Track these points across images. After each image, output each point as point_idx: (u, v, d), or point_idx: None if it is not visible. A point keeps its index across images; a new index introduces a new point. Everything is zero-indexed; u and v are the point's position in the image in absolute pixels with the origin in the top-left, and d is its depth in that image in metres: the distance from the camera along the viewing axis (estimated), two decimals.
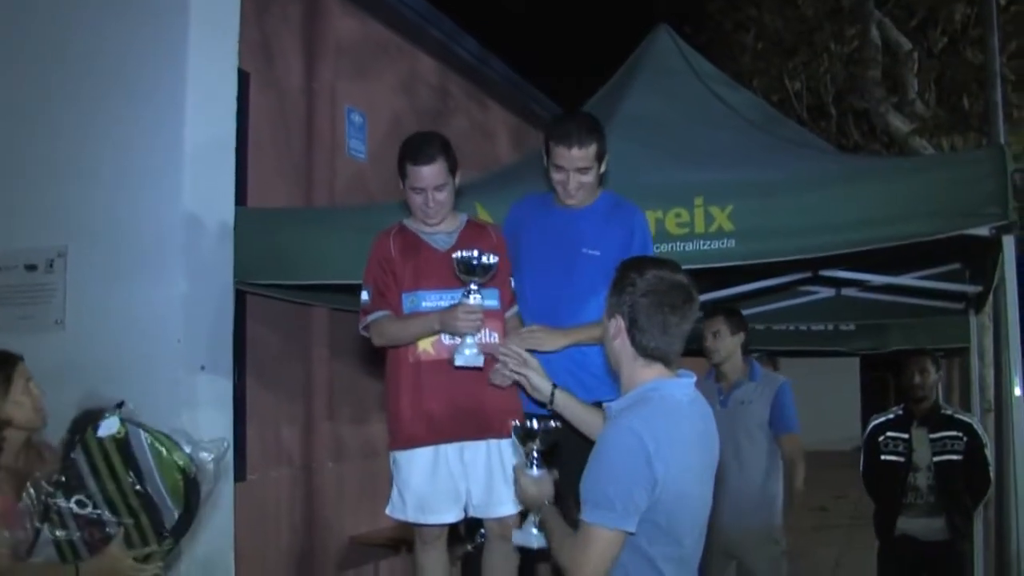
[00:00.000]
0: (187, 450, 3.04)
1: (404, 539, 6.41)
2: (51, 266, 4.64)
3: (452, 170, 3.73)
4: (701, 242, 4.31)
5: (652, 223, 4.30)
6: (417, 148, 3.71)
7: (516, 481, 3.05)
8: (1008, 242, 4.14)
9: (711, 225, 4.31)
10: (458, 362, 3.53)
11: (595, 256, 3.75)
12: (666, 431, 2.60)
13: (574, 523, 2.67)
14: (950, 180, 4.12)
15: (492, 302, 3.69)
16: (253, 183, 5.59)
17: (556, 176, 3.78)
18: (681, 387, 2.72)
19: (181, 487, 2.99)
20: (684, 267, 3.60)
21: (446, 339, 3.65)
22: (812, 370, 20.93)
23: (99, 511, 2.98)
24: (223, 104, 4.72)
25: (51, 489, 2.97)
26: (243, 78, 5.21)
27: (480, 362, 3.53)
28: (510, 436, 3.58)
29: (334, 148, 6.50)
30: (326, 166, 6.37)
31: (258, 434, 5.65)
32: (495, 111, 9.19)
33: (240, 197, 5.04)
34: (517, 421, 3.15)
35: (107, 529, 2.99)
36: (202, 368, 4.49)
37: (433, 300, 3.68)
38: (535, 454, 3.04)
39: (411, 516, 3.73)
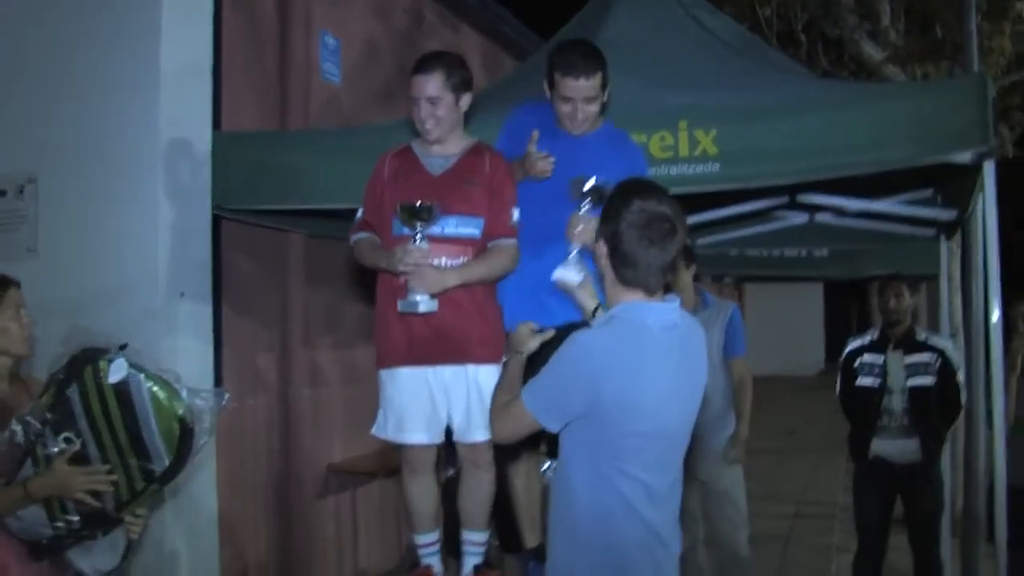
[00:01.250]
0: (186, 399, 2.97)
1: (383, 467, 6.50)
2: (21, 192, 4.56)
3: (455, 88, 3.67)
4: (685, 166, 4.30)
5: None
6: (423, 58, 3.71)
7: (570, 224, 3.49)
8: (989, 168, 4.16)
9: (695, 149, 4.30)
10: (399, 307, 3.55)
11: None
12: (623, 353, 2.68)
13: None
14: (934, 107, 4.12)
15: (470, 230, 3.67)
16: (226, 106, 5.47)
17: (564, 108, 3.76)
18: (655, 311, 2.76)
19: (176, 435, 2.94)
20: (672, 190, 3.63)
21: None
22: (777, 296, 21.19)
23: (86, 449, 2.93)
24: (199, 25, 4.65)
25: (39, 426, 2.92)
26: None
27: (421, 309, 3.52)
28: (489, 362, 3.68)
29: (308, 71, 6.39)
30: (300, 89, 6.26)
31: (234, 361, 5.60)
32: (467, 35, 9.05)
33: (214, 120, 4.95)
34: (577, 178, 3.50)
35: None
36: (182, 295, 4.46)
37: None
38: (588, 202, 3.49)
39: (391, 435, 3.77)
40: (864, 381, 5.74)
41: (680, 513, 5.38)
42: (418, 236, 3.51)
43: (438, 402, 3.72)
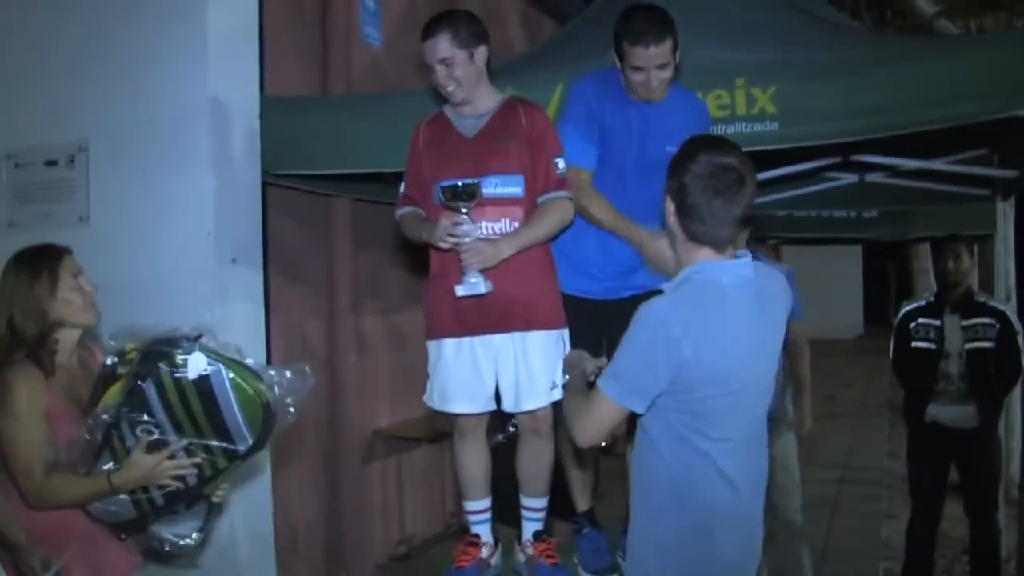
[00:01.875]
0: (268, 382, 2.90)
1: (427, 432, 6.49)
2: (72, 161, 4.52)
3: (465, 44, 3.57)
4: (743, 124, 4.20)
5: None
6: (427, 23, 3.64)
7: None
8: None
9: (753, 107, 4.20)
10: (458, 292, 3.47)
11: None
12: (701, 315, 2.59)
13: None
14: (1000, 60, 3.98)
15: (512, 189, 3.59)
16: (269, 70, 5.42)
17: (636, 77, 3.67)
18: (728, 269, 2.68)
19: (260, 419, 2.89)
20: None
21: None
22: (815, 259, 20.99)
23: (165, 436, 2.87)
24: None
25: (113, 422, 2.84)
26: None
27: (482, 290, 3.45)
28: (539, 328, 3.63)
29: (349, 35, 6.30)
30: (341, 53, 6.18)
31: (281, 328, 5.59)
32: None
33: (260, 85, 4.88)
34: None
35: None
36: (233, 261, 4.41)
37: None
38: None
39: (437, 404, 3.73)
40: (920, 344, 5.65)
41: None
42: (465, 220, 3.45)
43: (484, 372, 3.65)
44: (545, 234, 3.64)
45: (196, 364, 2.81)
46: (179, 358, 2.82)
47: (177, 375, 2.80)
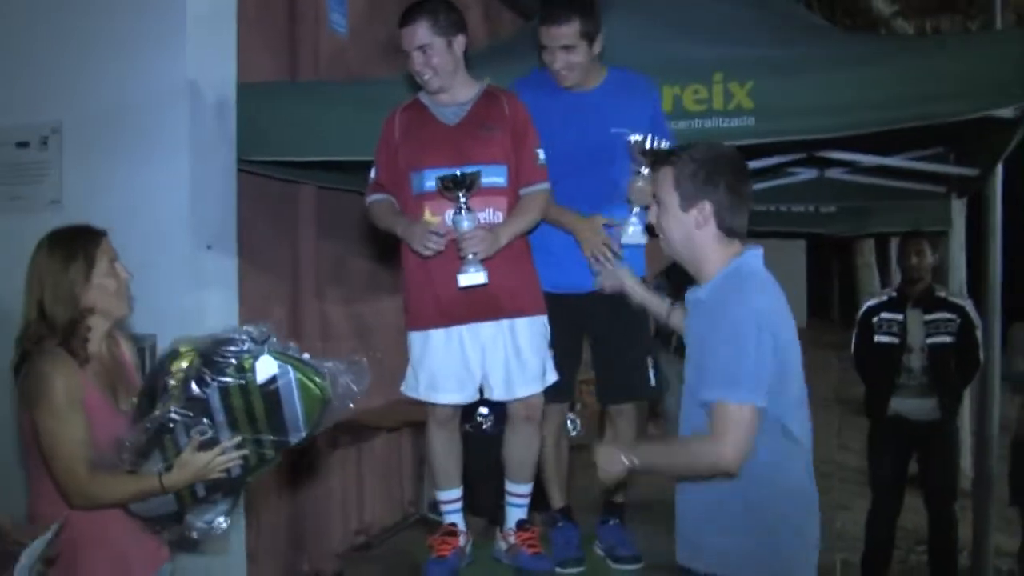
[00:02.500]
0: (328, 375, 2.80)
1: (388, 421, 6.50)
2: (45, 143, 4.43)
3: (444, 32, 3.54)
4: (720, 119, 4.26)
5: (669, 99, 4.28)
6: (406, 10, 3.59)
7: (630, 185, 3.53)
8: None
9: (730, 102, 4.26)
10: (460, 283, 3.45)
11: (625, 134, 3.67)
12: (769, 300, 2.64)
13: None
14: (974, 60, 4.09)
15: (495, 179, 3.56)
16: (238, 57, 5.37)
17: (546, 58, 3.72)
18: (758, 258, 2.74)
19: (318, 412, 2.80)
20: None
21: (449, 220, 3.52)
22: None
23: (218, 434, 2.75)
24: None
25: (170, 425, 2.70)
26: None
27: (483, 279, 3.43)
28: (525, 314, 3.63)
29: (317, 22, 6.26)
30: (310, 40, 6.13)
31: (247, 315, 5.52)
32: None
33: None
34: (636, 137, 3.46)
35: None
36: (209, 247, 4.36)
37: (435, 179, 3.52)
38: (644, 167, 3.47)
39: (423, 395, 3.69)
40: (883, 339, 5.75)
41: None
42: (464, 209, 3.42)
43: (472, 362, 3.64)
44: (532, 225, 3.65)
45: (265, 368, 2.69)
46: (247, 362, 2.70)
47: (243, 380, 2.69)
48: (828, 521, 7.53)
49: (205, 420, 2.70)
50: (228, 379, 2.67)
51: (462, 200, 3.41)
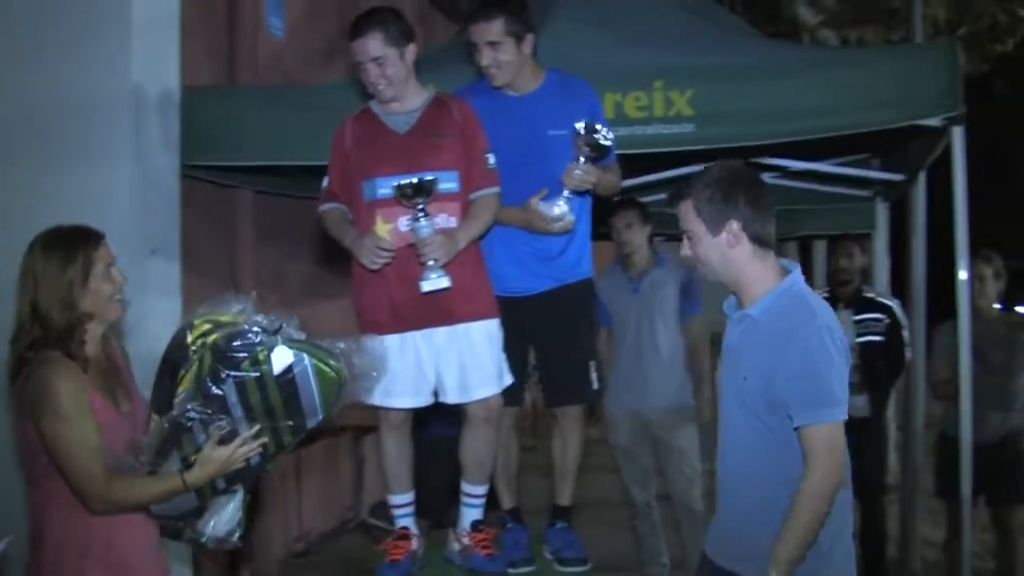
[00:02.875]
0: (342, 355, 2.78)
1: (326, 426, 6.44)
2: None
3: (396, 42, 3.57)
4: (660, 125, 4.37)
5: (611, 106, 4.37)
6: (355, 22, 3.61)
7: (567, 170, 3.62)
8: (958, 133, 4.28)
9: (670, 109, 4.37)
10: (424, 289, 3.49)
11: (562, 136, 3.74)
12: (829, 316, 2.78)
13: None
14: (906, 71, 4.27)
15: (447, 184, 3.58)
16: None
17: (476, 57, 3.79)
18: (800, 274, 2.88)
19: (335, 395, 2.78)
20: (642, 151, 3.73)
21: (402, 227, 3.56)
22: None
23: (236, 427, 2.71)
24: None
25: (187, 424, 2.67)
26: None
27: (446, 283, 3.48)
28: (478, 317, 3.68)
29: (256, 25, 6.24)
30: (248, 43, 6.11)
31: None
32: None
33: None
34: (583, 124, 3.53)
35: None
36: (153, 252, 4.33)
37: (388, 187, 3.56)
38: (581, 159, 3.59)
39: (377, 399, 3.68)
40: None
41: (638, 470, 5.57)
42: (421, 215, 3.45)
43: (426, 366, 3.67)
44: (486, 228, 3.71)
45: (281, 359, 2.66)
46: (261, 354, 2.66)
47: (259, 373, 2.66)
48: None
49: (223, 417, 2.67)
50: (243, 374, 2.64)
51: (420, 207, 3.44)
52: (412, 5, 9.08)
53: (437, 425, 4.43)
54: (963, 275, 4.37)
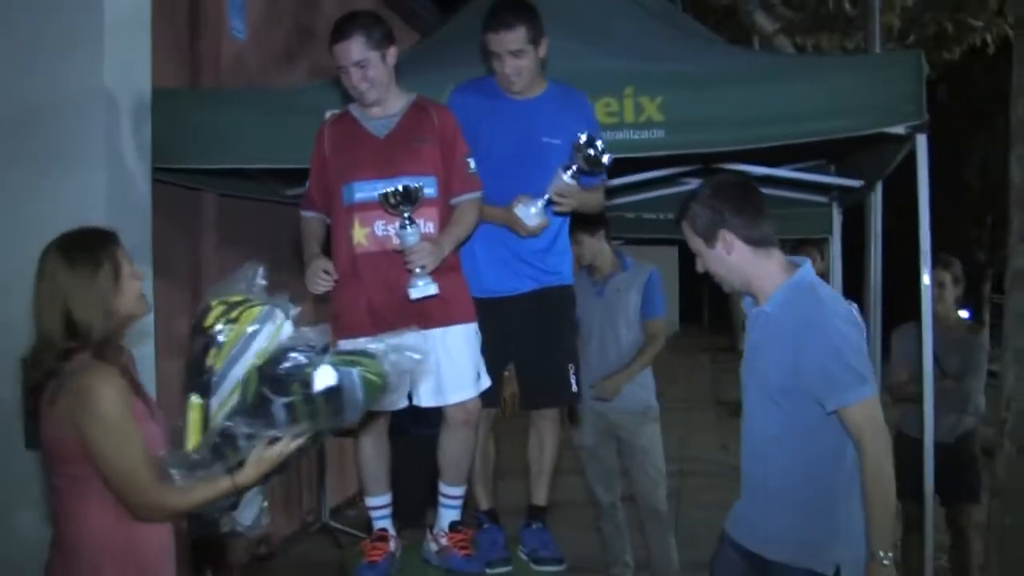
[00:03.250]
0: (385, 358, 2.75)
1: None
2: None
3: (378, 46, 3.60)
4: (630, 131, 4.42)
5: None
6: (337, 26, 3.62)
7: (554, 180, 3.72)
8: (922, 141, 4.38)
9: (640, 115, 4.42)
10: (412, 296, 3.52)
11: (555, 145, 3.81)
12: (842, 303, 3.02)
13: None
14: (872, 80, 4.35)
15: (426, 190, 3.61)
16: None
17: (495, 65, 3.82)
18: (811, 269, 3.07)
19: (377, 398, 2.77)
20: (612, 155, 3.81)
21: (379, 231, 3.61)
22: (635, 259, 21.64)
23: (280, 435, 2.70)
24: None
25: (234, 440, 2.62)
26: None
27: (433, 290, 3.53)
28: (454, 322, 3.72)
29: (218, 26, 6.21)
30: (211, 45, 6.10)
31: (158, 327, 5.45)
32: None
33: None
34: (585, 136, 3.64)
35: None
36: None
37: (366, 191, 3.61)
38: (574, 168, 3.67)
39: None
40: None
41: (602, 470, 5.63)
42: (408, 223, 3.48)
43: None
44: (469, 232, 3.75)
45: (325, 378, 2.63)
46: (309, 376, 2.63)
47: (307, 393, 2.62)
48: (719, 519, 7.76)
49: (270, 431, 2.65)
50: (292, 397, 2.62)
51: (407, 215, 3.47)
52: (374, 6, 9.10)
53: (413, 426, 4.45)
54: (926, 280, 4.47)
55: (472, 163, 3.75)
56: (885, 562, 2.81)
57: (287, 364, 2.62)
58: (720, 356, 20.73)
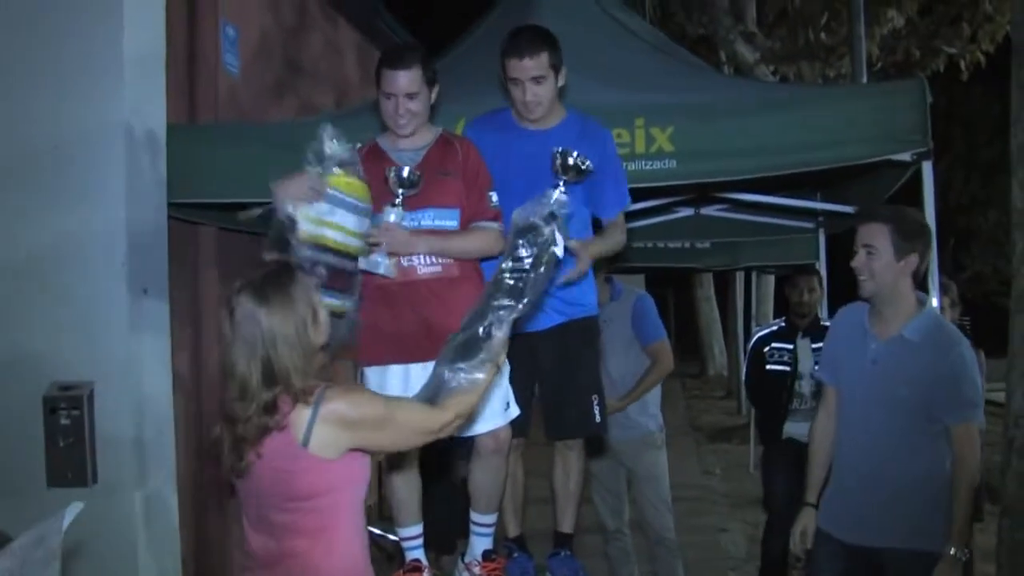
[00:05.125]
0: None
1: None
2: None
3: (429, 82, 3.68)
4: (642, 162, 4.47)
5: None
6: (396, 53, 3.67)
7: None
8: (927, 167, 4.47)
9: (652, 146, 4.48)
10: (360, 265, 3.54)
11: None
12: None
13: None
14: (878, 108, 4.44)
15: (448, 222, 3.67)
16: None
17: (514, 92, 3.84)
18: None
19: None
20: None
21: (404, 262, 3.64)
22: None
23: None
24: (154, 7, 4.44)
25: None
26: None
27: (381, 270, 3.58)
28: None
29: (214, 62, 6.22)
30: (209, 81, 6.09)
31: None
32: (344, 28, 8.97)
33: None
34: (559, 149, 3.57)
35: None
36: (145, 292, 4.29)
37: None
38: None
39: None
40: (775, 367, 6.05)
41: (609, 496, 5.66)
42: (399, 201, 3.55)
43: None
44: (460, 249, 3.74)
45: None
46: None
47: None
48: (711, 543, 7.92)
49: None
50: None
51: (401, 195, 3.55)
52: (354, 44, 9.16)
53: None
54: (935, 303, 4.54)
55: (495, 197, 3.78)
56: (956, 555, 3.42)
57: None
58: (691, 382, 20.84)
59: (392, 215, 3.54)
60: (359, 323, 3.44)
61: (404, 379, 3.70)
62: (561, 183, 3.63)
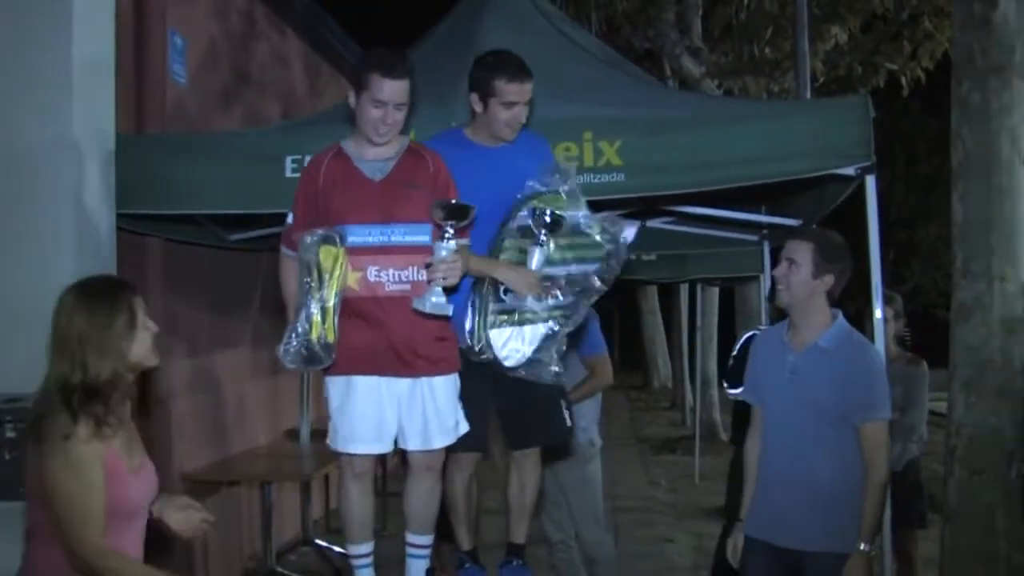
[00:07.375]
0: None
1: (229, 476, 6.71)
2: None
3: (413, 95, 3.65)
4: (590, 175, 4.50)
5: None
6: (391, 61, 3.58)
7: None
8: (871, 181, 4.55)
9: (600, 159, 4.52)
10: (426, 309, 3.46)
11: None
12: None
13: None
14: (823, 123, 4.53)
15: (419, 237, 3.61)
16: None
17: (506, 114, 3.83)
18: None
19: None
20: None
21: (371, 277, 3.58)
22: None
23: None
24: (104, 16, 4.39)
25: None
26: None
27: (446, 311, 3.50)
28: (442, 373, 3.70)
29: (162, 72, 6.18)
30: (157, 91, 6.06)
31: None
32: (291, 38, 8.95)
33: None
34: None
35: None
36: None
37: (360, 235, 3.57)
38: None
39: (340, 445, 3.69)
40: None
41: (550, 506, 5.63)
42: (447, 235, 3.46)
43: (388, 413, 3.66)
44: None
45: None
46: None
47: None
48: (657, 553, 7.97)
49: None
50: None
51: (449, 229, 3.46)
52: (301, 50, 9.14)
53: None
54: (878, 314, 4.63)
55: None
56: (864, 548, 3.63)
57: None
58: (635, 394, 20.98)
59: (443, 251, 3.46)
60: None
61: (368, 392, 3.65)
62: (542, 235, 3.74)
